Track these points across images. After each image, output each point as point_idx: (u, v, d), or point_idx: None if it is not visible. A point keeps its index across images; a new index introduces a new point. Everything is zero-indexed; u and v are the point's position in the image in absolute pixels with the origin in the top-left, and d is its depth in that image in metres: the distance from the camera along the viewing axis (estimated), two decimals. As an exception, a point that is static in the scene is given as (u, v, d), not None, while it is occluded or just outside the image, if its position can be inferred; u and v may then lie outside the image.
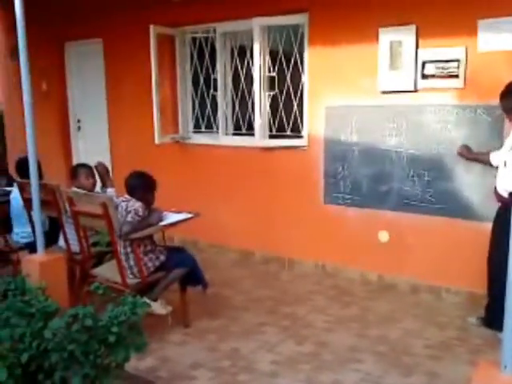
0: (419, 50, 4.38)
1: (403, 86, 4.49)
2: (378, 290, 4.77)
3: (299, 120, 5.27)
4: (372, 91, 4.65)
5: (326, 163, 5.01)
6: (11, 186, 5.08)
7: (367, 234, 4.85)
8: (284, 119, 5.37)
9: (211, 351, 3.72)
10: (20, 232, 4.78)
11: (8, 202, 4.83)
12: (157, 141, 5.85)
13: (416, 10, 4.34)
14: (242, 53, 5.61)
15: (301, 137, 5.24)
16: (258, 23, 5.18)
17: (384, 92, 4.60)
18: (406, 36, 4.40)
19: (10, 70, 7.58)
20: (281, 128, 5.41)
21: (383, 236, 4.77)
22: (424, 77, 4.40)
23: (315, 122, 5.04)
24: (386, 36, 4.49)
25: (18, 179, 4.80)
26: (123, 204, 3.93)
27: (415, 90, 4.45)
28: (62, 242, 4.38)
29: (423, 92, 4.43)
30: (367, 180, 4.80)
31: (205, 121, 6.07)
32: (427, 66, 4.37)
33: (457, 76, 4.24)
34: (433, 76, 4.36)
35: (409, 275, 4.69)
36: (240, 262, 5.61)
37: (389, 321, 4.17)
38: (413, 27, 4.35)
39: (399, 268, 4.74)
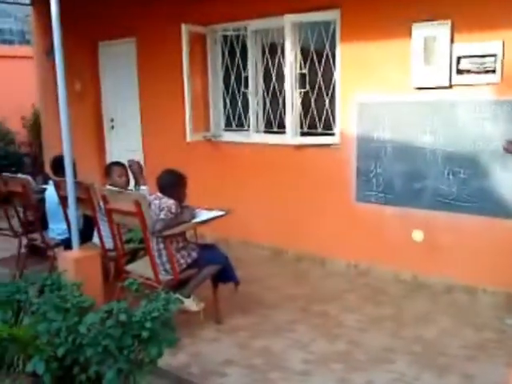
0: (454, 45, 4.29)
1: (437, 81, 4.40)
2: (411, 290, 4.69)
3: (331, 117, 5.23)
4: (405, 87, 4.58)
5: (358, 161, 4.95)
6: (47, 184, 5.18)
7: (401, 232, 4.78)
8: (315, 116, 5.33)
9: (243, 348, 3.73)
10: (56, 229, 4.88)
11: (45, 199, 4.94)
12: (188, 139, 5.88)
13: (451, 5, 4.25)
14: (273, 50, 5.60)
15: (332, 134, 5.19)
16: (289, 20, 5.16)
17: (418, 88, 4.52)
18: (440, 31, 4.31)
19: (45, 69, 7.77)
20: (312, 125, 5.37)
21: (417, 235, 4.69)
22: (459, 72, 4.30)
23: (347, 119, 4.99)
24: (420, 31, 4.41)
25: (54, 177, 4.90)
26: (156, 202, 3.97)
27: (450, 86, 4.36)
28: (96, 238, 4.45)
29: (458, 88, 4.34)
30: (401, 178, 4.73)
31: (236, 119, 6.08)
32: (462, 61, 4.27)
33: (493, 71, 4.13)
34: (468, 71, 4.26)
35: (444, 275, 4.60)
36: (271, 260, 5.60)
37: (423, 321, 4.10)
38: (448, 22, 4.26)
39: (434, 267, 4.65)
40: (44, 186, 5.18)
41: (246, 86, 5.82)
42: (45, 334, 2.96)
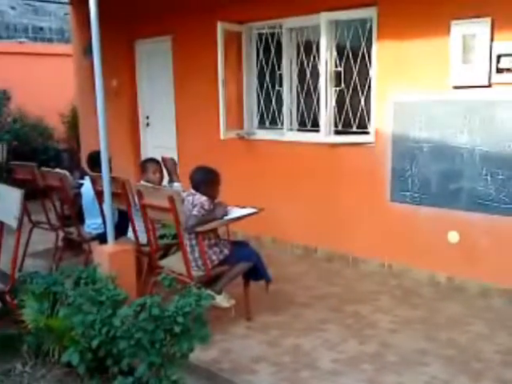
0: (494, 43, 4.19)
1: (476, 80, 4.30)
2: (446, 292, 4.61)
3: (366, 116, 5.17)
4: (443, 86, 4.49)
5: (393, 160, 4.89)
6: (84, 179, 5.29)
7: (436, 233, 4.70)
8: (350, 115, 5.29)
9: (273, 346, 3.73)
10: (91, 223, 4.97)
11: (81, 194, 5.04)
12: (222, 136, 5.91)
13: (491, 2, 4.15)
14: (308, 48, 5.57)
15: (367, 133, 5.14)
16: (325, 18, 5.13)
17: (456, 87, 4.43)
18: (480, 29, 4.21)
19: (83, 67, 7.92)
20: (346, 124, 5.33)
21: (453, 236, 4.60)
22: (499, 71, 4.20)
23: (383, 118, 4.93)
24: (459, 29, 4.32)
25: (90, 172, 5.00)
26: (189, 198, 4.01)
27: (489, 85, 4.26)
28: (130, 233, 4.51)
29: (498, 86, 4.23)
30: (437, 178, 4.65)
31: (269, 117, 6.07)
32: (502, 59, 4.17)
33: (535, 69, 4.02)
34: (508, 70, 4.15)
35: (480, 277, 4.50)
36: (303, 259, 5.58)
37: (458, 324, 4.02)
38: (488, 19, 4.16)
39: (470, 270, 4.55)
40: (81, 181, 5.29)
41: (281, 84, 5.81)
42: (80, 326, 3.03)
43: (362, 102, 5.19)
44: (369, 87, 5.10)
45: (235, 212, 4.16)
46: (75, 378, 3.21)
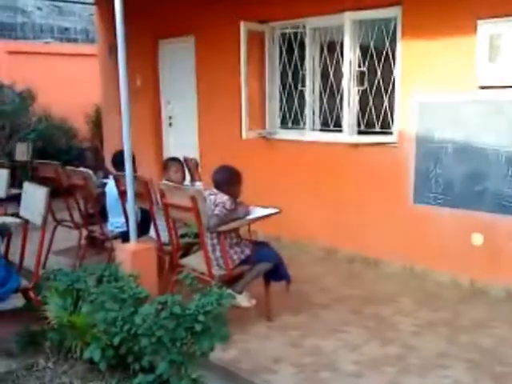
0: (522, 42, 4.11)
1: (503, 80, 4.23)
2: (469, 295, 4.54)
3: (389, 116, 5.13)
4: (469, 86, 4.42)
5: (416, 161, 4.83)
6: (107, 178, 5.35)
7: (460, 235, 4.63)
8: (373, 115, 5.25)
9: (293, 347, 3.72)
10: (114, 222, 5.02)
11: (105, 193, 5.09)
12: (244, 136, 5.92)
13: (520, 0, 4.08)
14: (332, 48, 5.55)
15: (390, 133, 5.09)
16: (349, 18, 5.10)
17: (482, 87, 4.36)
18: (507, 28, 4.14)
19: (107, 67, 8.01)
20: (370, 124, 5.29)
21: (477, 238, 4.53)
22: (527, 70, 4.13)
23: (407, 118, 4.87)
24: (485, 28, 4.25)
25: (114, 172, 5.05)
26: (211, 197, 4.02)
27: (516, 85, 4.19)
28: (152, 232, 4.54)
29: (526, 87, 4.16)
30: (461, 179, 4.58)
31: (292, 116, 6.06)
32: (531, 59, 4.10)
33: None
34: (536, 69, 4.08)
35: (504, 281, 4.42)
36: (324, 260, 5.55)
37: (481, 327, 3.96)
38: (516, 18, 4.09)
39: (494, 273, 4.48)
40: (104, 180, 5.34)
41: (303, 84, 5.79)
42: (102, 323, 3.06)
43: (386, 102, 5.14)
44: (392, 87, 5.05)
45: (257, 212, 4.16)
46: (97, 375, 3.24)
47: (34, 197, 3.81)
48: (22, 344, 3.58)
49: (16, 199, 4.54)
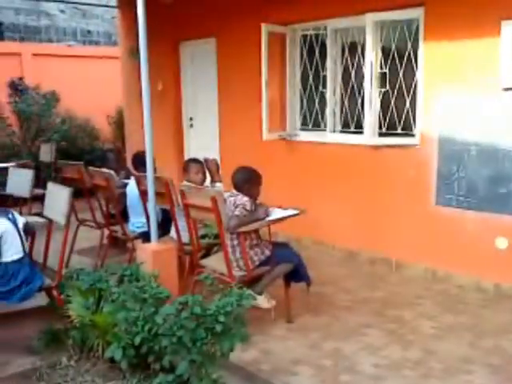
0: (548, 43, 4.05)
1: (528, 81, 4.17)
2: (493, 299, 4.47)
3: (411, 118, 5.08)
4: (493, 88, 4.36)
5: (439, 163, 4.78)
6: (129, 178, 5.40)
7: (483, 239, 4.57)
8: (395, 117, 5.21)
9: (313, 349, 3.71)
10: (135, 222, 5.06)
11: (126, 193, 5.14)
12: (264, 137, 5.93)
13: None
14: (353, 49, 5.52)
15: (412, 135, 5.05)
16: (371, 19, 5.07)
17: (507, 89, 4.29)
18: (532, 28, 4.08)
19: (129, 69, 8.09)
20: (391, 126, 5.25)
21: (501, 242, 4.46)
22: (553, 71, 4.06)
23: (429, 120, 4.83)
24: (509, 29, 4.19)
25: (135, 172, 5.09)
26: (231, 199, 4.03)
27: (542, 86, 4.12)
28: (173, 232, 4.57)
29: (551, 88, 4.09)
30: (485, 182, 4.52)
31: (312, 118, 6.05)
32: (557, 59, 4.02)
33: None
34: None
35: (528, 285, 4.35)
36: (344, 262, 5.52)
37: (505, 332, 3.89)
38: (542, 18, 4.03)
39: (518, 277, 4.41)
40: (126, 181, 5.40)
41: (324, 86, 5.78)
42: (123, 322, 3.09)
43: (408, 104, 5.10)
44: (415, 89, 5.01)
45: (277, 213, 4.15)
46: (118, 374, 3.27)
47: (58, 197, 3.87)
48: (46, 342, 3.63)
49: (40, 199, 4.62)
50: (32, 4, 11.81)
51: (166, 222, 4.70)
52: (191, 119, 7.72)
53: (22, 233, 3.71)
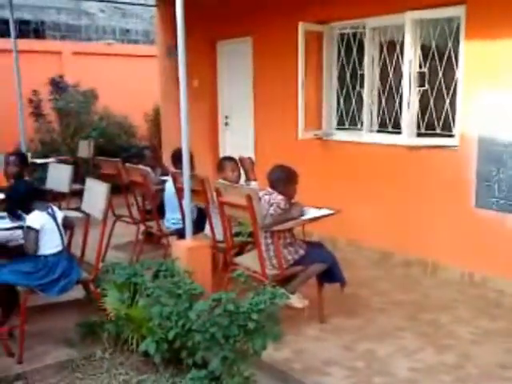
0: None
1: None
2: (532, 305, 4.35)
3: (451, 118, 4.98)
4: (536, 87, 4.24)
5: (479, 164, 4.66)
6: (165, 175, 5.46)
7: (523, 243, 4.44)
8: (434, 117, 5.11)
9: (346, 350, 3.67)
10: (171, 218, 5.12)
11: (163, 190, 5.20)
12: (300, 136, 5.91)
13: None
14: (392, 48, 5.45)
15: (452, 136, 4.95)
16: (410, 17, 4.99)
17: (551, 88, 4.17)
18: None
19: (167, 67, 8.18)
20: (429, 126, 5.15)
21: (543, 246, 4.33)
22: None
23: (469, 121, 4.72)
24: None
25: (172, 169, 5.15)
26: (266, 197, 4.03)
27: None
28: (207, 230, 4.60)
29: None
30: (526, 184, 4.39)
31: (349, 117, 5.99)
32: None
33: None
34: None
35: None
36: (379, 263, 5.45)
37: (545, 340, 3.79)
38: None
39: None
40: (162, 178, 5.46)
41: (361, 85, 5.72)
42: (157, 317, 3.13)
43: (447, 104, 5.00)
44: (454, 88, 4.91)
45: (311, 212, 4.14)
46: (151, 368, 3.32)
47: (96, 192, 3.94)
48: (82, 334, 3.72)
49: (78, 194, 4.71)
50: (73, 3, 12.07)
51: (200, 220, 4.74)
52: (227, 118, 7.76)
53: (60, 227, 3.79)
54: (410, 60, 5.05)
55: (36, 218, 3.66)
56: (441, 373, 3.35)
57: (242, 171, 4.92)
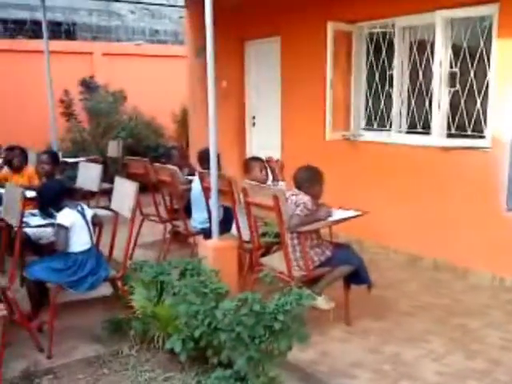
0: None
1: None
2: None
3: (482, 119, 4.89)
4: None
5: (511, 167, 4.56)
6: (192, 175, 5.49)
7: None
8: (465, 118, 5.02)
9: (372, 352, 3.64)
10: (197, 218, 5.14)
11: (190, 190, 5.23)
12: (328, 137, 5.88)
13: None
14: (422, 47, 5.37)
15: (483, 137, 4.85)
16: (441, 16, 4.92)
17: None
18: None
19: (195, 68, 8.22)
20: (460, 127, 5.07)
21: None
22: None
23: (502, 122, 4.62)
24: None
25: (199, 169, 5.17)
26: (293, 197, 4.01)
27: None
28: (234, 230, 4.60)
29: None
30: (560, 187, 4.28)
31: (377, 118, 5.93)
32: None
33: None
34: None
35: None
36: (407, 266, 5.38)
37: None
38: None
39: None
40: (189, 178, 5.49)
41: (391, 85, 5.65)
42: (184, 315, 3.14)
43: (479, 105, 4.91)
44: (486, 88, 4.81)
45: (338, 214, 4.10)
46: (177, 366, 3.34)
47: (125, 191, 3.98)
48: (109, 331, 3.76)
49: (107, 193, 4.77)
50: (104, 5, 12.25)
51: (226, 220, 4.74)
52: (254, 118, 7.76)
53: (90, 225, 3.84)
54: (441, 60, 4.97)
55: (66, 216, 3.72)
56: (469, 378, 3.29)
57: (269, 172, 4.91)
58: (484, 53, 4.83)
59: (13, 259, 3.67)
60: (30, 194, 4.22)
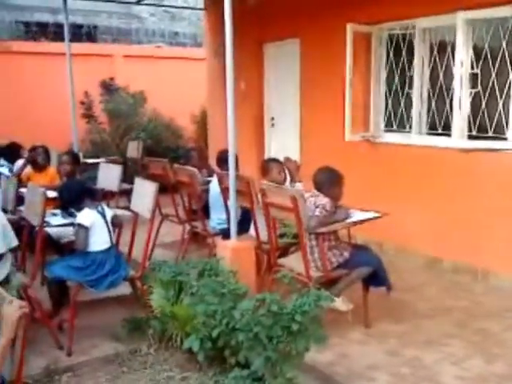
0: None
1: None
2: None
3: (504, 121, 4.82)
4: None
5: (533, 169, 4.51)
6: (211, 176, 5.51)
7: None
8: (486, 119, 4.96)
9: (391, 355, 3.61)
10: (216, 218, 5.16)
11: (208, 190, 5.25)
12: (347, 138, 5.85)
13: None
14: (442, 49, 5.32)
15: (505, 139, 4.79)
16: (462, 17, 4.87)
17: None
18: None
19: (214, 70, 8.26)
20: (482, 129, 5.01)
21: None
22: None
23: (523, 123, 4.56)
24: None
25: (218, 170, 5.19)
26: (312, 199, 4.00)
27: None
28: (252, 231, 4.61)
29: None
30: None
31: (397, 119, 5.89)
32: None
33: None
34: None
35: None
36: (426, 268, 5.33)
37: None
38: None
39: None
40: (208, 179, 5.52)
41: (411, 86, 5.61)
42: (202, 315, 3.16)
43: (500, 106, 4.84)
44: (508, 90, 4.75)
45: (357, 215, 4.08)
46: (195, 365, 3.36)
47: (144, 192, 4.02)
48: (128, 329, 3.80)
49: (127, 193, 4.81)
50: (124, 8, 12.37)
51: (245, 220, 4.75)
52: (272, 119, 7.76)
53: (109, 225, 3.88)
54: (462, 61, 4.93)
55: (86, 216, 3.76)
56: (489, 382, 3.25)
57: (287, 173, 4.91)
58: (506, 54, 4.77)
59: (34, 258, 3.72)
60: (52, 193, 4.28)
